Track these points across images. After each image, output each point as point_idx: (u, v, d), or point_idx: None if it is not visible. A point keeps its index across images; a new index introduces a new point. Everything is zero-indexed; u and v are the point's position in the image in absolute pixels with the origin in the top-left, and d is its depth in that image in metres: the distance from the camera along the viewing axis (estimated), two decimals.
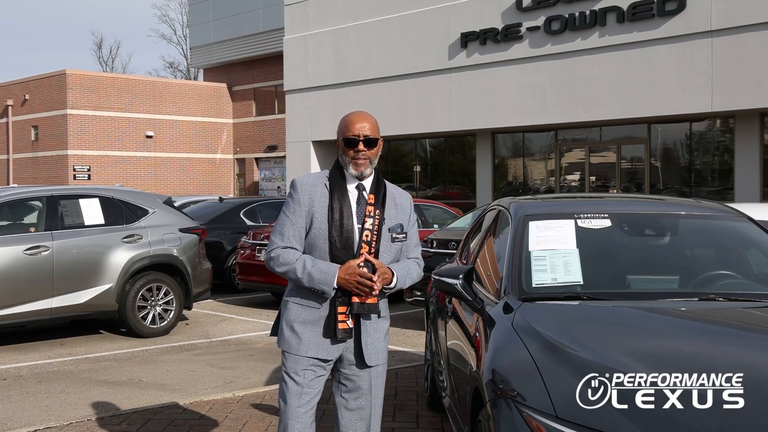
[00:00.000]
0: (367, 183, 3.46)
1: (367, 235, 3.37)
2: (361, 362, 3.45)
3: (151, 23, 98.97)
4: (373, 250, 3.37)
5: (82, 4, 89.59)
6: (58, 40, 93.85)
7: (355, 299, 3.33)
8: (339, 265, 3.31)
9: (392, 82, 20.70)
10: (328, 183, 3.42)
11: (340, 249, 3.34)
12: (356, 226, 3.38)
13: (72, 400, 6.34)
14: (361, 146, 3.37)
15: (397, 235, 3.45)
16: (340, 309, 3.35)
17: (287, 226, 3.41)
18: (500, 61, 18.47)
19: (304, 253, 3.41)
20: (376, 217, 3.39)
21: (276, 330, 3.57)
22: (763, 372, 2.96)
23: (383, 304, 3.50)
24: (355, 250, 3.35)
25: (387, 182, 3.54)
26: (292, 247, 3.39)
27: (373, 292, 3.29)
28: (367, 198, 3.42)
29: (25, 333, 9.17)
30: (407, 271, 3.47)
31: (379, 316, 3.47)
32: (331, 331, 3.36)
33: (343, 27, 21.82)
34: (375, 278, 3.27)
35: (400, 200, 3.52)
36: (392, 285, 3.39)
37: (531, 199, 4.92)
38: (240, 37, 32.99)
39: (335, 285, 3.29)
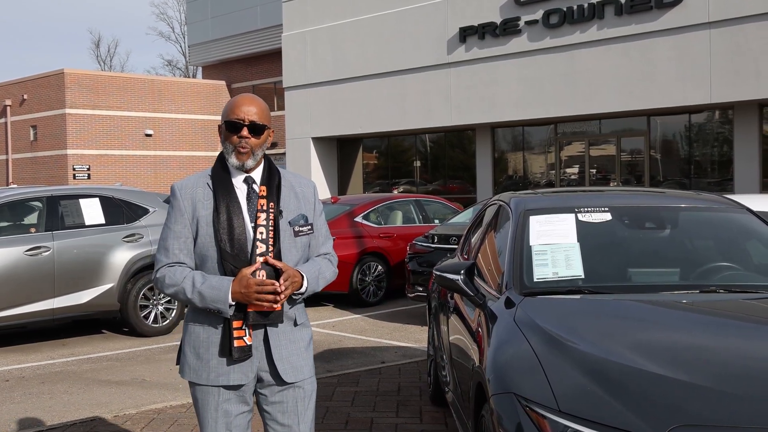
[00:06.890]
0: (257, 174, 3.01)
1: (261, 233, 2.90)
2: (279, 380, 2.98)
3: (149, 21, 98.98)
4: (272, 250, 2.90)
5: (80, 3, 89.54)
6: (56, 40, 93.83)
7: (251, 308, 2.85)
8: (232, 278, 2.85)
9: (391, 77, 20.70)
10: (210, 182, 2.97)
11: (232, 255, 2.87)
12: (249, 225, 2.92)
13: (75, 401, 6.35)
14: (245, 132, 2.91)
15: (301, 228, 3.01)
16: (235, 323, 2.87)
17: (170, 239, 2.94)
18: (499, 56, 18.47)
19: (196, 267, 2.97)
20: (271, 210, 2.94)
21: (180, 358, 3.07)
22: (764, 362, 2.97)
23: (300, 310, 3.05)
24: (250, 253, 2.89)
25: (284, 170, 3.11)
26: (179, 263, 2.94)
27: (278, 302, 2.83)
28: (258, 191, 2.97)
29: (27, 334, 9.19)
30: (318, 272, 3.03)
31: (296, 324, 3.02)
32: (226, 350, 2.90)
33: (341, 23, 21.81)
34: (280, 283, 2.81)
35: (300, 189, 3.08)
36: (302, 290, 2.93)
37: (531, 194, 4.93)
38: (238, 34, 32.98)
39: (231, 301, 2.83)
